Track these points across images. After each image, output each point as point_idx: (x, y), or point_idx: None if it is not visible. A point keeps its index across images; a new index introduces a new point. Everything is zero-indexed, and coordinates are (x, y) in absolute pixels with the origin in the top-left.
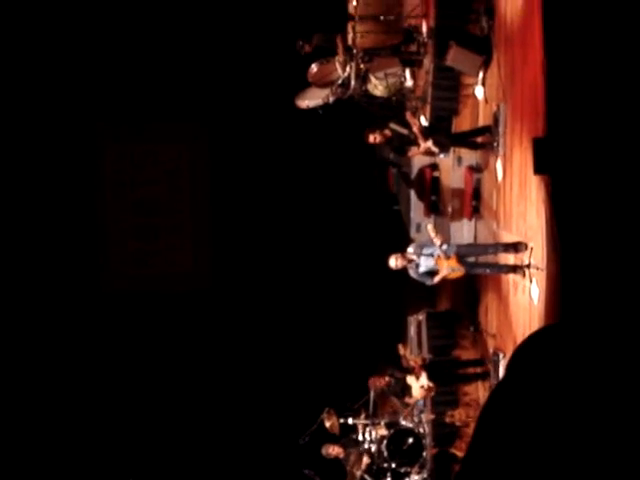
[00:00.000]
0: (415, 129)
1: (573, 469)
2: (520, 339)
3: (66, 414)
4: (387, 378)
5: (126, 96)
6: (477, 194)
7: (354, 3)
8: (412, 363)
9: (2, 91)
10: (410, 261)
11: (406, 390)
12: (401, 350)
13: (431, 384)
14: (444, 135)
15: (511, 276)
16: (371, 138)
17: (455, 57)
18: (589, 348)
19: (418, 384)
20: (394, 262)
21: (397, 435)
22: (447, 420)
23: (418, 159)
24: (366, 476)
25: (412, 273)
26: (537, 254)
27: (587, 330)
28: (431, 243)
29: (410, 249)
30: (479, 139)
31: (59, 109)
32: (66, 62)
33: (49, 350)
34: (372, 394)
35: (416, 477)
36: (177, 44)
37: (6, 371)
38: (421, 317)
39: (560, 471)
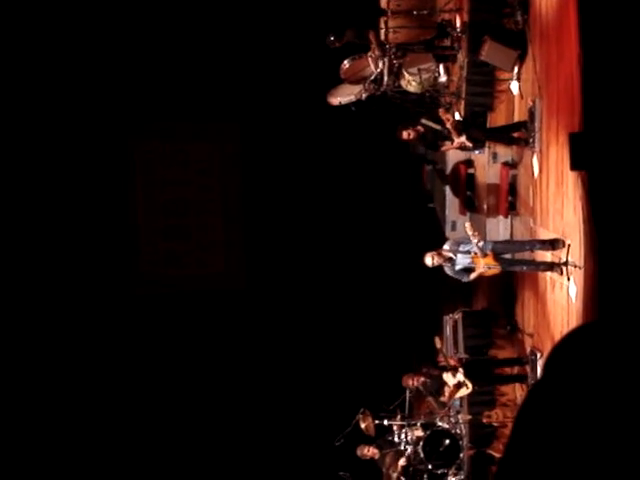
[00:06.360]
0: (449, 125)
1: (612, 472)
2: (558, 338)
3: (97, 414)
4: (422, 378)
5: (157, 95)
6: (513, 190)
7: None
8: (451, 362)
9: (32, 90)
10: (446, 259)
11: (442, 389)
12: (438, 343)
13: (467, 381)
14: (479, 130)
15: (548, 274)
16: (404, 134)
17: (490, 52)
18: (628, 347)
19: (454, 381)
20: (430, 260)
21: (433, 436)
22: (484, 421)
23: (453, 155)
24: (402, 478)
25: (448, 270)
26: (575, 251)
27: (626, 328)
28: (467, 240)
29: (446, 246)
30: (514, 135)
31: (90, 108)
32: (97, 60)
33: (81, 352)
34: (408, 394)
35: (453, 479)
36: (210, 42)
37: (38, 371)
38: (457, 316)
39: (599, 474)
